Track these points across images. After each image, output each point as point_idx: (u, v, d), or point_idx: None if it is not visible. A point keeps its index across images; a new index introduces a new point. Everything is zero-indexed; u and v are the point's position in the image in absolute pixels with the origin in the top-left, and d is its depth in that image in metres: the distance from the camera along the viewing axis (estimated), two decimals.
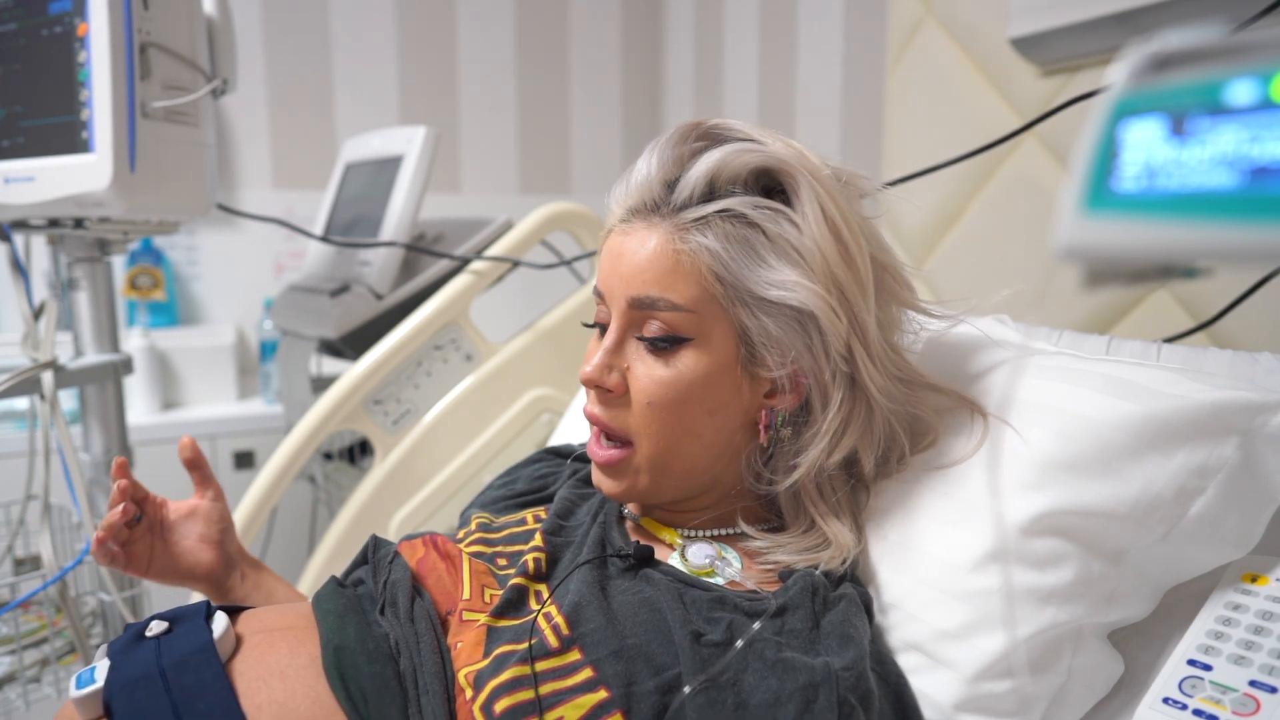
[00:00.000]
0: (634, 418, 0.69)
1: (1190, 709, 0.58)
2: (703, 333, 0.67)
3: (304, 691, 0.62)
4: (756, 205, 0.66)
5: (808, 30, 2.11)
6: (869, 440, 0.71)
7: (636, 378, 0.69)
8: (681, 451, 0.69)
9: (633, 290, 0.68)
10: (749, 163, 0.67)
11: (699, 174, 0.67)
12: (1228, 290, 0.96)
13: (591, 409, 0.72)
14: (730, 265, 0.66)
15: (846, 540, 0.70)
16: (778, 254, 0.66)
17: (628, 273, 0.69)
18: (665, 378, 0.68)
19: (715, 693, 0.57)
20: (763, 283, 0.66)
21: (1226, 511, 0.63)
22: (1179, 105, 0.29)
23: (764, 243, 0.66)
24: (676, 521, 0.75)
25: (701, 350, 0.68)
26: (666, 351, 0.68)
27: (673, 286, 0.67)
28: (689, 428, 0.69)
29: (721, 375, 0.68)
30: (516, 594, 0.68)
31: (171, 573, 0.85)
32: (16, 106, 1.08)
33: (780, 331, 0.66)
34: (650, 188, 0.69)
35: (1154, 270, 0.31)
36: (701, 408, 0.68)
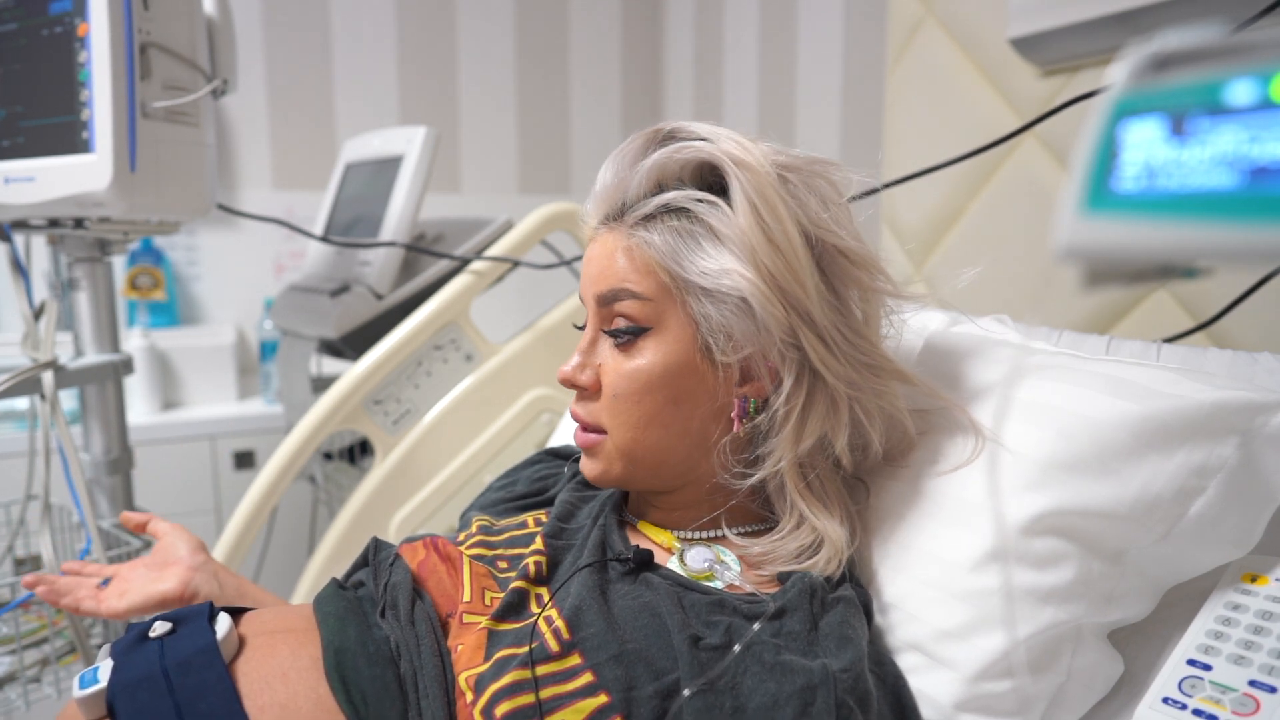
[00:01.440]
0: (605, 410, 0.72)
1: (1190, 709, 0.58)
2: (661, 321, 0.70)
3: (306, 693, 0.62)
4: (695, 199, 0.69)
5: (808, 30, 2.11)
6: (837, 427, 0.70)
7: (606, 373, 0.72)
8: (649, 441, 0.71)
9: (599, 287, 0.72)
10: (687, 159, 0.70)
11: (642, 174, 0.71)
12: (1228, 290, 0.96)
13: (572, 406, 0.76)
14: (675, 257, 0.68)
15: (838, 536, 0.69)
16: (715, 244, 0.68)
17: (594, 274, 0.73)
18: (627, 369, 0.70)
19: (713, 696, 0.57)
20: (699, 271, 0.68)
21: (1226, 511, 0.63)
22: (1179, 105, 0.29)
23: (704, 234, 0.68)
24: (673, 524, 0.75)
25: (661, 339, 0.70)
26: (629, 344, 0.71)
27: (629, 278, 0.70)
28: (653, 417, 0.70)
29: (683, 364, 0.70)
30: (517, 597, 0.68)
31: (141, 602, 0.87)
32: (16, 106, 1.08)
33: (726, 319, 0.68)
34: (609, 195, 0.73)
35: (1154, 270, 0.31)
36: (664, 397, 0.70)
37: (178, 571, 0.88)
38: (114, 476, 1.24)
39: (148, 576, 0.89)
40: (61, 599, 0.88)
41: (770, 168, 0.69)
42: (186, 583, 0.87)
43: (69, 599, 0.88)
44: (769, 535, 0.72)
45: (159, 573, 0.89)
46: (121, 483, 1.25)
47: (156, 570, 0.90)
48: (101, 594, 0.89)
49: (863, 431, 0.72)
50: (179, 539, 0.92)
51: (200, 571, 0.88)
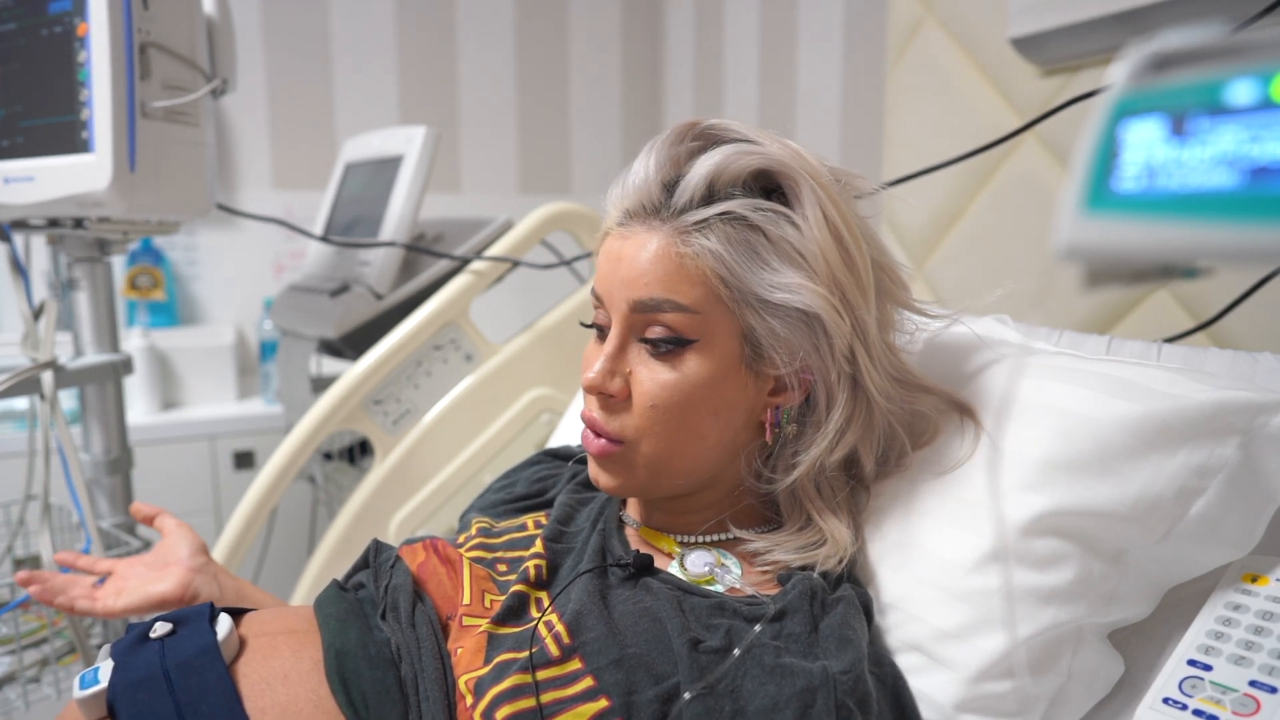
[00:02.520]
0: (636, 420, 0.69)
1: (1190, 709, 0.58)
2: (707, 334, 0.67)
3: (306, 695, 0.62)
4: (757, 208, 0.66)
5: (808, 30, 2.11)
6: (869, 439, 0.71)
7: (639, 381, 0.68)
8: (685, 452, 0.69)
9: (635, 293, 0.67)
10: (748, 165, 0.67)
11: (699, 176, 0.66)
12: (1228, 290, 0.96)
13: (590, 414, 0.71)
14: (734, 268, 0.65)
15: (843, 538, 0.70)
16: (780, 256, 0.66)
17: (629, 276, 0.68)
18: (670, 380, 0.67)
19: (713, 700, 0.57)
20: (767, 285, 0.65)
21: (1227, 512, 0.63)
22: (1179, 105, 0.29)
23: (765, 245, 0.66)
24: (675, 526, 0.75)
25: (706, 352, 0.67)
26: (670, 354, 0.67)
27: (676, 288, 0.66)
28: (693, 429, 0.68)
29: (726, 376, 0.68)
30: (517, 601, 0.68)
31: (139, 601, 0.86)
32: (16, 106, 1.08)
33: (787, 332, 0.66)
34: (648, 190, 0.68)
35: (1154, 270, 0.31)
36: (706, 409, 0.68)
37: (177, 573, 0.87)
38: (114, 476, 1.24)
39: (146, 576, 0.88)
40: (56, 598, 0.87)
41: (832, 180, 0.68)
42: (186, 584, 0.86)
43: (63, 598, 0.87)
44: (774, 534, 0.72)
45: (158, 573, 0.88)
46: (121, 483, 1.25)
47: (156, 570, 0.89)
48: (97, 593, 0.88)
49: (890, 442, 0.73)
50: (182, 539, 0.91)
51: (200, 573, 0.88)
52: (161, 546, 0.92)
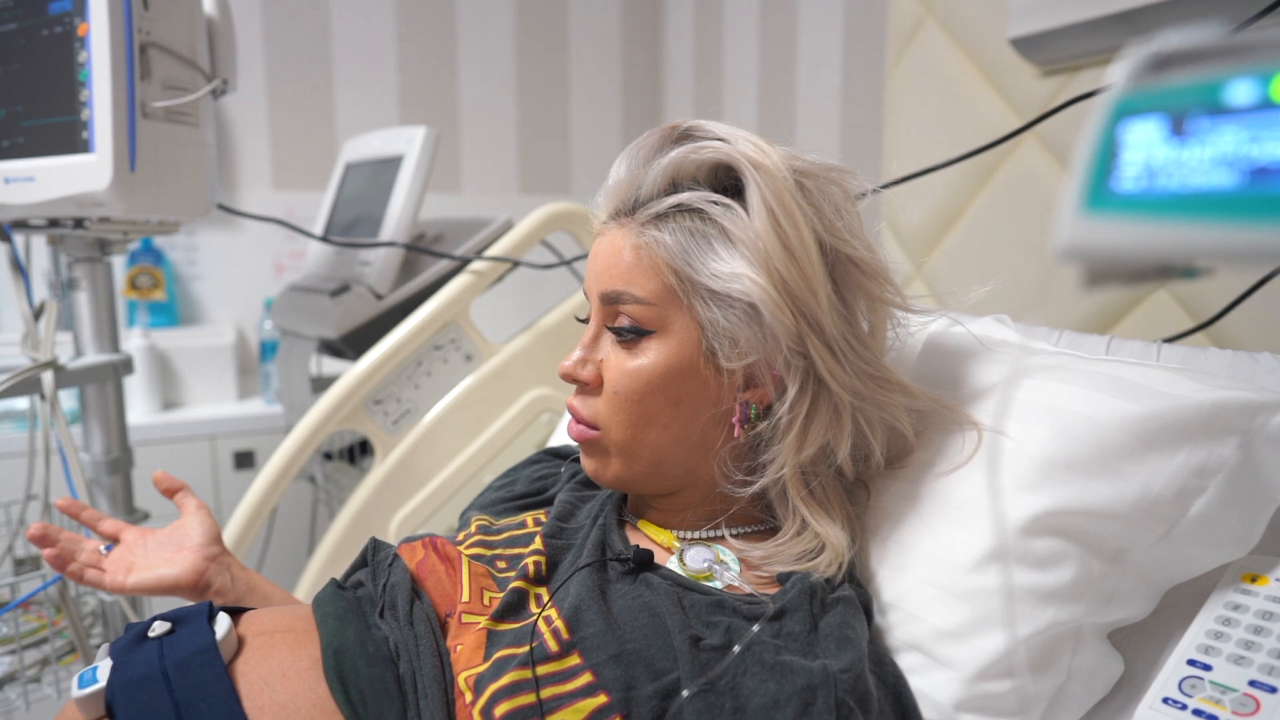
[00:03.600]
0: (603, 405, 0.72)
1: (1190, 709, 0.58)
2: (664, 325, 0.69)
3: (305, 694, 0.62)
4: (709, 200, 0.68)
5: (808, 30, 2.11)
6: (840, 436, 0.70)
7: (607, 369, 0.72)
8: (647, 440, 0.71)
9: (602, 286, 0.71)
10: (704, 159, 0.69)
11: (657, 172, 0.70)
12: (1228, 290, 0.96)
13: (570, 400, 0.76)
14: (683, 258, 0.68)
15: (839, 542, 0.70)
16: (727, 247, 0.67)
17: (601, 270, 0.72)
18: (629, 367, 0.70)
19: (714, 697, 0.57)
20: (709, 274, 0.67)
21: (1226, 511, 0.63)
22: (1179, 105, 0.29)
23: (716, 236, 0.68)
24: (673, 524, 0.75)
25: (664, 341, 0.69)
26: (632, 343, 0.70)
27: (635, 281, 0.69)
28: (653, 416, 0.70)
29: (685, 367, 0.69)
30: (516, 597, 0.68)
31: (151, 582, 0.85)
32: (16, 106, 1.08)
33: (731, 323, 0.67)
34: (621, 190, 0.72)
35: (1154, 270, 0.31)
36: (665, 397, 0.70)
37: (190, 559, 0.86)
38: (114, 476, 1.24)
39: (159, 557, 0.87)
40: (68, 565, 0.85)
41: (788, 173, 0.68)
42: (200, 572, 0.85)
43: (75, 565, 0.86)
44: (771, 539, 0.72)
45: (170, 555, 0.87)
46: (121, 483, 1.25)
47: (168, 552, 0.87)
48: (106, 564, 0.87)
49: (864, 441, 0.72)
50: (199, 524, 0.90)
51: (214, 562, 0.87)
52: (177, 528, 0.90)
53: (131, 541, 0.90)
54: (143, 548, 0.89)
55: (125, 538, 0.90)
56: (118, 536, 0.91)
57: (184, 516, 0.92)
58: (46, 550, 0.86)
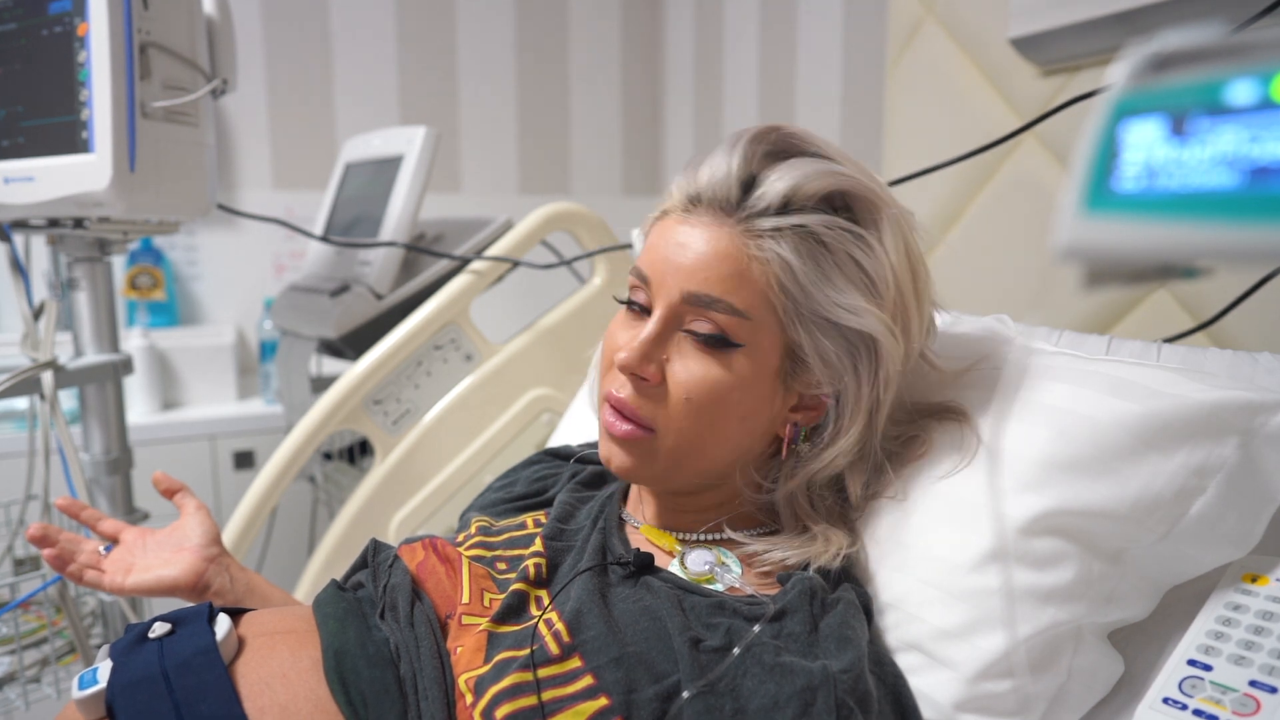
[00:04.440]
0: (666, 410, 0.68)
1: (1190, 709, 0.58)
2: (753, 341, 0.67)
3: (305, 695, 0.62)
4: (834, 225, 0.66)
5: (808, 30, 2.11)
6: (860, 468, 0.72)
7: (675, 372, 0.68)
8: (705, 450, 0.70)
9: (692, 285, 0.67)
10: (831, 185, 0.67)
11: (782, 186, 0.66)
12: (1228, 290, 0.96)
13: (618, 394, 0.70)
14: (800, 281, 0.66)
15: (838, 540, 0.71)
16: (847, 277, 0.67)
17: (689, 266, 0.67)
18: (708, 377, 0.67)
19: (714, 698, 0.57)
20: (830, 304, 0.66)
21: (1226, 511, 0.63)
22: (1179, 105, 0.29)
23: (834, 264, 0.66)
24: (675, 524, 0.75)
25: (748, 357, 0.67)
26: (714, 351, 0.67)
27: (736, 290, 0.66)
28: (719, 429, 0.69)
29: (760, 384, 0.68)
30: (517, 599, 0.68)
31: (150, 583, 0.85)
32: (16, 106, 1.07)
33: (835, 354, 0.67)
34: (728, 185, 0.68)
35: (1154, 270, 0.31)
36: (736, 412, 0.68)
37: (190, 560, 0.86)
38: (113, 476, 1.24)
39: (158, 557, 0.87)
40: (67, 566, 0.85)
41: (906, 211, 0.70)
42: (199, 573, 0.85)
43: (74, 566, 0.86)
44: (772, 537, 0.73)
45: (170, 555, 0.87)
46: (121, 483, 1.25)
47: (167, 553, 0.87)
48: (104, 563, 0.86)
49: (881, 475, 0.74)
50: (198, 524, 0.89)
51: (213, 564, 0.87)
52: (176, 528, 0.90)
53: (131, 542, 0.90)
54: (142, 548, 0.89)
55: (124, 538, 0.90)
56: (117, 537, 0.91)
57: (183, 517, 0.91)
58: (46, 551, 0.85)
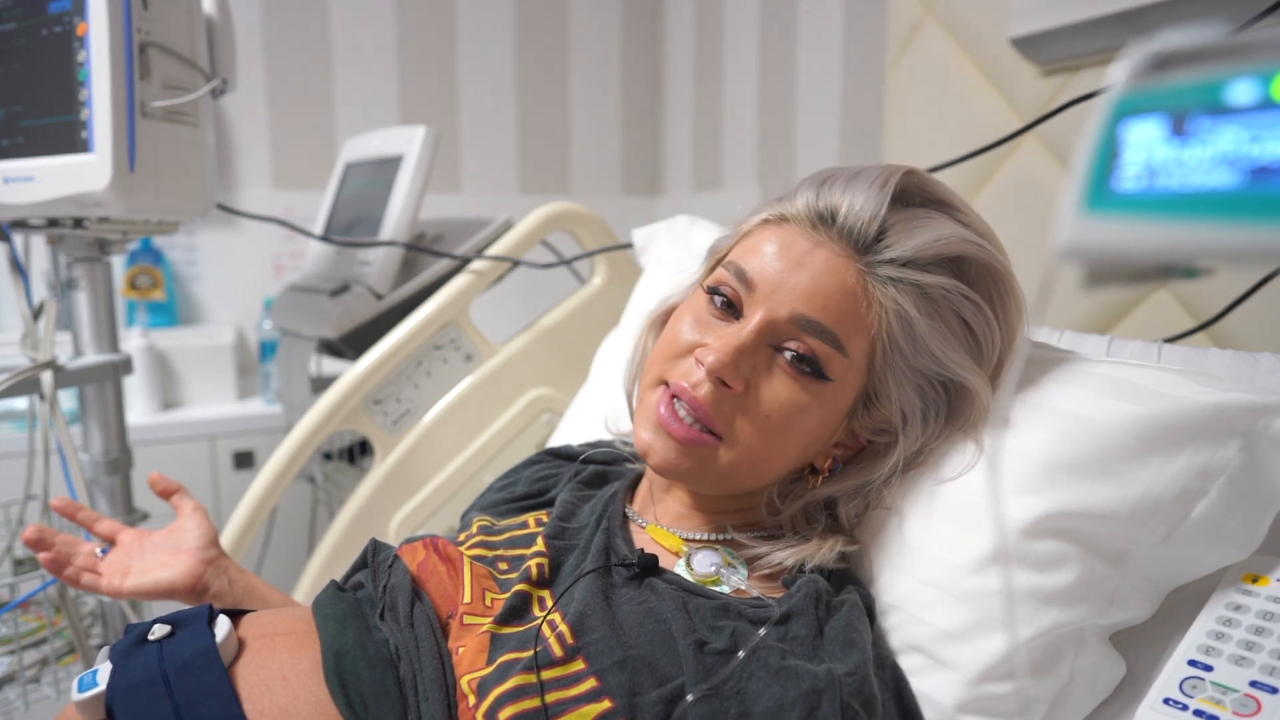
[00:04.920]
0: (741, 422, 0.67)
1: (1191, 709, 0.57)
2: (843, 378, 0.68)
3: (305, 696, 0.61)
4: (952, 290, 0.68)
5: (808, 30, 2.11)
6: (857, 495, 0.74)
7: (760, 387, 0.67)
8: (764, 469, 0.70)
9: (804, 309, 0.66)
10: (961, 251, 0.68)
11: (917, 242, 0.67)
12: (1228, 290, 0.96)
13: (696, 394, 0.67)
14: (914, 333, 0.67)
15: (837, 539, 0.72)
16: (956, 337, 0.69)
17: (806, 287, 0.66)
18: (792, 401, 0.67)
19: (718, 702, 0.57)
20: (943, 358, 0.68)
21: (1229, 513, 0.63)
22: (1180, 105, 0.29)
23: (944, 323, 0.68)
24: (684, 526, 0.75)
25: (834, 392, 0.68)
26: (805, 378, 0.67)
27: (845, 326, 0.66)
28: (784, 452, 0.70)
29: (831, 419, 0.70)
30: (520, 600, 0.68)
31: (148, 586, 0.85)
32: (16, 106, 1.07)
33: (917, 406, 0.69)
34: (869, 224, 0.67)
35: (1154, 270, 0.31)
36: (802, 438, 0.70)
37: (188, 562, 0.85)
38: (113, 476, 1.24)
39: (155, 560, 0.87)
40: (64, 570, 0.85)
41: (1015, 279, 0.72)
42: (197, 576, 0.85)
43: (71, 570, 0.85)
44: (772, 541, 0.73)
45: (167, 558, 0.86)
46: (121, 483, 1.25)
47: (165, 555, 0.87)
48: (101, 566, 0.86)
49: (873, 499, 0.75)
50: (195, 526, 0.89)
51: (211, 566, 0.86)
52: (174, 530, 0.90)
53: (128, 544, 0.89)
54: (139, 550, 0.89)
55: (121, 539, 0.90)
56: (114, 538, 0.90)
57: (180, 518, 0.91)
58: (42, 555, 0.85)
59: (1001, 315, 0.70)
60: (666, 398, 0.68)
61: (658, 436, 0.69)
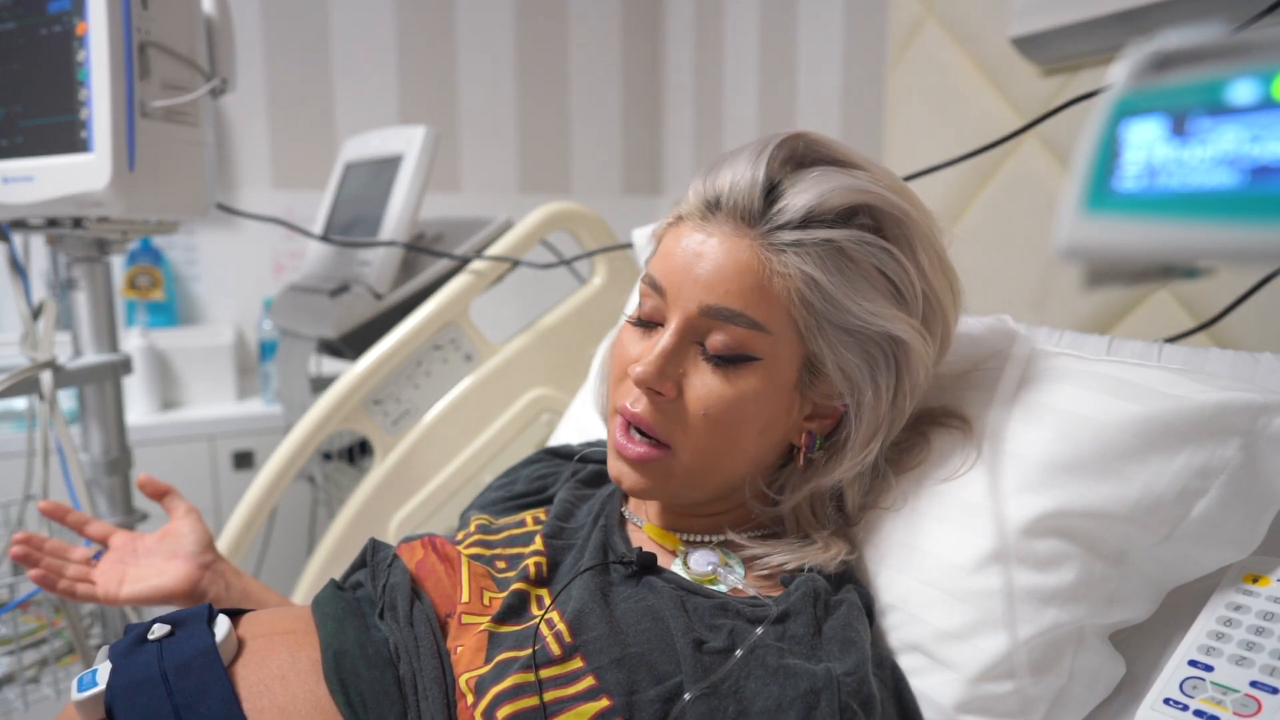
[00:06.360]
0: (683, 426, 0.67)
1: (1191, 710, 0.57)
2: (772, 354, 0.66)
3: (304, 696, 0.61)
4: (857, 240, 0.65)
5: (808, 30, 2.10)
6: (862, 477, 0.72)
7: (694, 387, 0.67)
8: (721, 466, 0.69)
9: (711, 298, 0.65)
10: (856, 200, 0.65)
11: (806, 199, 0.65)
12: (1228, 290, 0.96)
13: (633, 409, 0.68)
14: (826, 292, 0.64)
15: (839, 547, 0.71)
16: (873, 286, 0.66)
17: (708, 278, 0.66)
18: (727, 394, 0.66)
19: (716, 700, 0.57)
20: (861, 311, 0.65)
21: (1228, 513, 0.63)
22: (1180, 105, 0.29)
23: (860, 274, 0.65)
24: (680, 527, 0.75)
25: (766, 370, 0.66)
26: (732, 366, 0.66)
27: (756, 304, 0.65)
28: (737, 444, 0.68)
29: (778, 396, 0.68)
30: (518, 599, 0.68)
31: (145, 593, 0.85)
32: (15, 106, 1.07)
33: (855, 364, 0.67)
34: (751, 195, 0.65)
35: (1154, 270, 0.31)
36: (754, 425, 0.68)
37: (184, 568, 0.86)
38: (113, 477, 1.23)
39: (151, 567, 0.87)
40: (58, 583, 0.85)
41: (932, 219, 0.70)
42: (194, 581, 0.85)
43: (64, 583, 0.85)
44: (772, 540, 0.72)
45: (162, 564, 0.87)
46: (120, 483, 1.25)
47: (160, 561, 0.87)
48: (95, 575, 0.86)
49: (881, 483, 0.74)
50: (190, 530, 0.89)
51: (208, 570, 0.87)
52: (167, 534, 0.90)
53: (121, 547, 0.89)
54: (133, 555, 0.89)
55: (114, 542, 0.90)
56: (106, 540, 0.90)
57: (173, 521, 0.91)
58: (32, 572, 0.85)
59: (913, 257, 0.67)
60: (622, 424, 0.70)
61: (620, 462, 0.70)
